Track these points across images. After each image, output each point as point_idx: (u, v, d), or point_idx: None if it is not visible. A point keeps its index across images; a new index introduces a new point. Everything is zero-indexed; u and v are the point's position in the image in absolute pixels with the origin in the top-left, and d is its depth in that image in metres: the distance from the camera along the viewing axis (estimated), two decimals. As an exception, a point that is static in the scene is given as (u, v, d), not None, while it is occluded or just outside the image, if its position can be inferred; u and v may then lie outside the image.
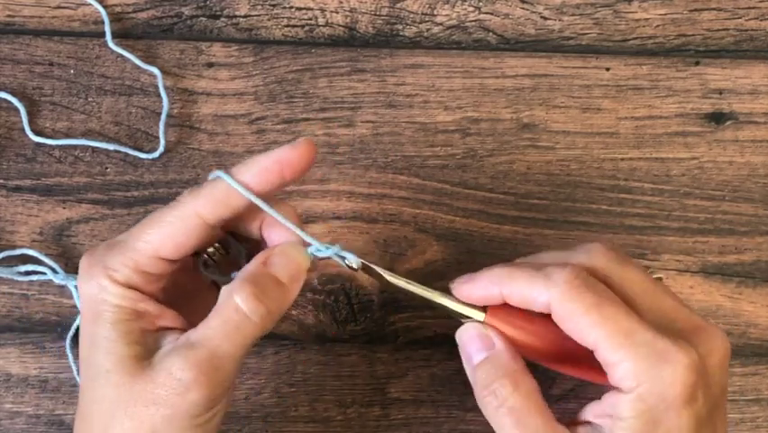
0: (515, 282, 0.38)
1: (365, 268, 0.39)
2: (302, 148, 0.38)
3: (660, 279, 0.42)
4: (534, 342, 0.39)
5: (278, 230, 0.39)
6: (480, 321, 0.39)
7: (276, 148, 0.38)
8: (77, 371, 0.49)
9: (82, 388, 0.38)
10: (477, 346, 0.39)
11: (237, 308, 0.36)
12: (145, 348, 0.37)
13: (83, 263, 0.38)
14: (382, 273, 0.39)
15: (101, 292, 0.37)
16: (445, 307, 0.40)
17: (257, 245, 0.41)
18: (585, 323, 0.36)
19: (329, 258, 0.39)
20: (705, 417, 0.36)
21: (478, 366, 0.38)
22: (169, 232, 0.37)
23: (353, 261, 0.39)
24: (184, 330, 0.37)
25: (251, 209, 0.39)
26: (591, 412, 0.38)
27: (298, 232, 0.39)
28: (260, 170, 0.38)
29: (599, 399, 0.37)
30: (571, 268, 0.37)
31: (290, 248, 0.39)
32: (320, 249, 0.39)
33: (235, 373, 0.37)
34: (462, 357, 0.40)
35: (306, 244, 0.39)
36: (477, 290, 0.39)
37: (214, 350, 0.36)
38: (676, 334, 0.37)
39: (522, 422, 0.37)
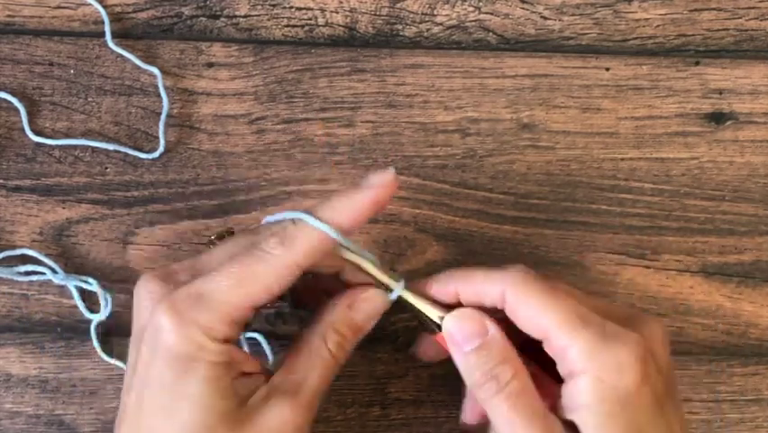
0: (470, 278, 0.40)
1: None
2: (392, 183, 0.39)
3: None
4: None
5: (360, 275, 0.41)
6: (438, 327, 0.40)
7: (364, 183, 0.39)
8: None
9: None
10: (469, 332, 0.39)
11: (330, 353, 0.38)
12: (238, 398, 0.37)
13: (166, 320, 0.36)
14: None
15: (198, 351, 0.36)
16: (414, 308, 0.41)
17: (317, 278, 0.42)
18: (538, 307, 0.37)
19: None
20: (663, 393, 0.37)
21: (473, 352, 0.39)
22: (268, 284, 0.37)
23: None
24: (260, 373, 0.38)
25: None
26: (557, 411, 0.38)
27: (386, 280, 0.41)
28: (356, 212, 0.38)
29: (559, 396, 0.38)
30: (523, 265, 0.39)
31: (376, 296, 0.40)
32: (392, 294, 0.41)
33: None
34: (450, 345, 0.40)
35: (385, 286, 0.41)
36: (434, 286, 0.41)
37: (316, 392, 0.38)
38: (617, 322, 0.38)
39: (520, 406, 0.37)
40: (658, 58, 0.54)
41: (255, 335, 0.49)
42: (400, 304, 0.41)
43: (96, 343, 0.49)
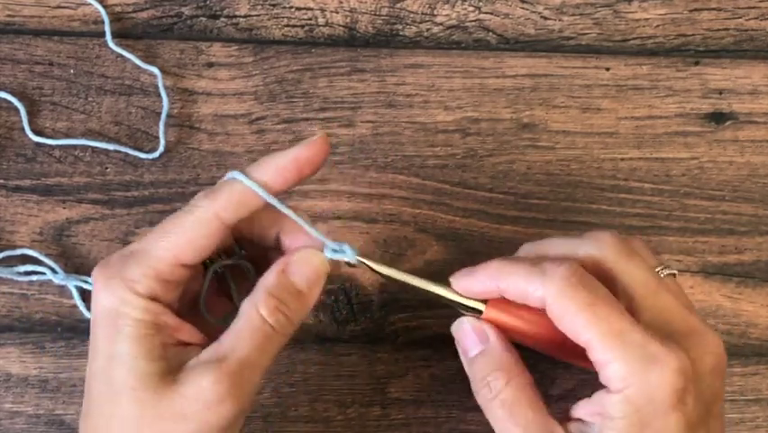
0: (511, 277, 0.38)
1: (369, 267, 0.40)
2: (318, 144, 0.38)
3: (673, 275, 0.42)
4: (533, 332, 0.39)
5: (299, 236, 0.39)
6: (480, 313, 0.40)
7: (291, 146, 0.38)
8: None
9: (97, 403, 0.37)
10: (472, 340, 0.39)
11: (263, 320, 0.36)
12: (168, 364, 0.36)
13: (98, 276, 0.37)
14: (395, 275, 0.40)
15: (122, 305, 0.36)
16: (448, 299, 0.40)
17: (263, 252, 0.41)
18: (578, 322, 0.36)
19: (347, 263, 0.39)
20: (696, 421, 0.36)
21: (473, 359, 0.39)
22: (190, 236, 0.37)
23: (365, 263, 0.39)
24: (201, 345, 0.37)
25: (267, 213, 0.39)
26: (583, 410, 0.38)
27: (314, 233, 0.39)
28: (278, 168, 0.38)
29: (590, 396, 0.37)
30: (567, 265, 0.37)
31: (309, 255, 0.39)
32: (336, 251, 0.39)
33: (260, 385, 0.37)
34: (459, 349, 0.40)
35: (323, 246, 0.39)
36: (475, 284, 0.39)
37: (244, 362, 0.36)
38: (670, 336, 0.37)
39: (513, 414, 0.37)
40: (658, 58, 0.54)
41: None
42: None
43: None
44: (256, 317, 0.36)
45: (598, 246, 0.39)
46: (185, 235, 0.37)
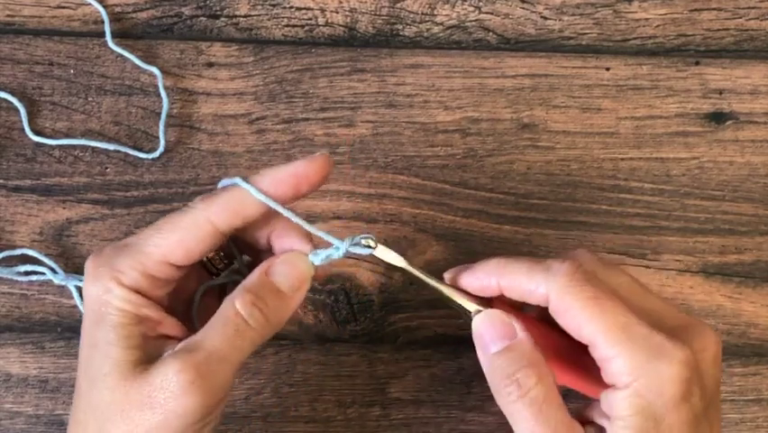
0: (513, 274, 0.38)
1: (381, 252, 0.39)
2: (318, 162, 0.38)
3: None
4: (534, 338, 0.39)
5: (287, 240, 0.39)
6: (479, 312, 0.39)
7: (294, 160, 0.38)
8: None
9: (79, 390, 0.37)
10: (496, 334, 0.38)
11: (236, 314, 0.36)
12: (145, 354, 0.36)
13: (89, 264, 0.37)
14: (398, 263, 0.40)
15: (105, 294, 0.36)
16: (448, 297, 0.39)
17: (259, 254, 0.41)
18: (583, 316, 0.36)
19: (346, 255, 0.39)
20: (701, 412, 0.36)
21: (498, 354, 0.37)
22: (181, 237, 0.37)
23: (372, 243, 0.39)
24: (181, 339, 0.37)
25: (261, 218, 0.39)
26: (592, 413, 0.38)
27: (314, 231, 0.38)
28: (276, 181, 0.38)
29: (598, 399, 0.37)
30: (570, 262, 0.37)
31: (293, 257, 0.38)
32: (338, 247, 0.38)
33: (231, 382, 0.36)
34: (477, 345, 0.39)
35: (313, 249, 0.39)
36: (473, 281, 0.39)
37: (211, 354, 0.35)
38: (667, 331, 0.37)
39: (543, 414, 0.36)
40: (658, 58, 0.54)
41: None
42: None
43: None
44: (230, 310, 0.36)
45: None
46: (176, 236, 0.37)
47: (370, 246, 0.39)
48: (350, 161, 0.52)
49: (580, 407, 0.38)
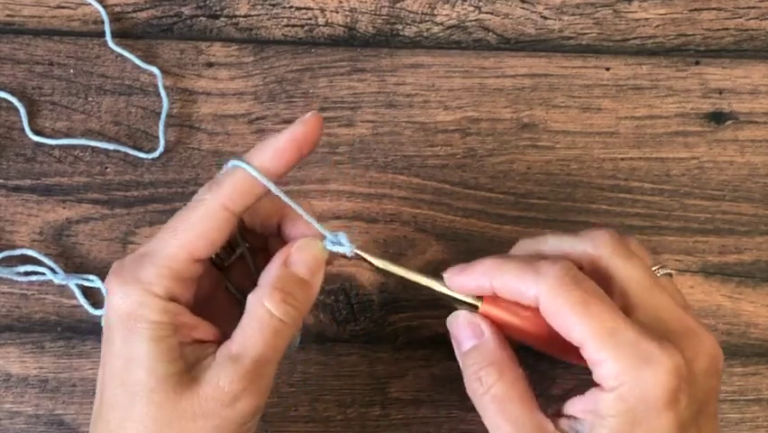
0: (505, 276, 0.39)
1: (366, 260, 0.40)
2: (312, 122, 0.38)
3: (669, 274, 0.42)
4: (529, 329, 0.39)
5: (298, 224, 0.40)
6: (476, 308, 0.40)
7: (286, 128, 0.38)
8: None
9: (112, 403, 0.37)
10: (467, 334, 0.39)
11: (271, 315, 0.37)
12: (185, 363, 0.36)
13: (112, 280, 0.37)
14: (391, 268, 0.40)
15: (139, 308, 0.36)
16: (443, 294, 0.40)
17: (263, 240, 0.41)
18: (571, 320, 0.36)
19: (343, 255, 0.39)
20: (689, 420, 0.36)
21: (466, 353, 0.39)
22: (200, 231, 0.36)
23: (362, 255, 0.39)
24: (215, 341, 0.37)
25: (269, 202, 0.39)
26: (575, 406, 0.38)
27: (314, 224, 0.39)
28: (277, 151, 0.38)
29: (583, 393, 0.37)
30: (561, 264, 0.37)
31: (308, 244, 0.39)
32: (334, 243, 0.39)
33: (275, 374, 0.38)
34: (453, 344, 0.40)
35: (322, 237, 0.39)
36: (469, 281, 0.40)
37: (257, 359, 0.36)
38: (665, 335, 0.37)
39: (504, 409, 0.37)
40: (658, 58, 0.54)
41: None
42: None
43: None
44: (264, 312, 0.37)
45: (594, 244, 0.39)
46: (195, 230, 0.36)
47: (370, 263, 0.40)
48: (350, 160, 0.52)
49: (565, 397, 0.39)
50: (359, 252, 0.39)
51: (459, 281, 0.40)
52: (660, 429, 0.35)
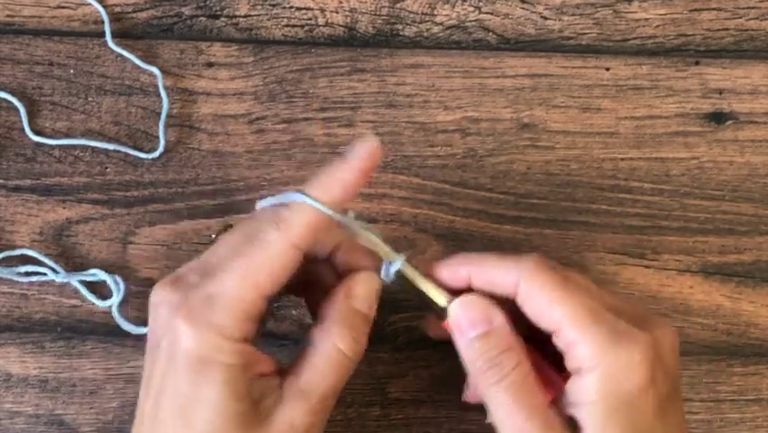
0: (484, 264, 0.39)
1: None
2: (372, 148, 0.38)
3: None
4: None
5: (354, 254, 0.40)
6: (444, 306, 0.40)
7: (349, 154, 0.37)
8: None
9: None
10: (477, 318, 0.39)
11: (342, 354, 0.38)
12: (252, 400, 0.36)
13: (181, 323, 0.36)
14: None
15: (213, 353, 0.35)
16: (421, 291, 0.40)
17: (308, 264, 0.41)
18: (551, 300, 0.37)
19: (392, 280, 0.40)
20: (666, 397, 0.37)
21: (478, 338, 0.38)
22: (271, 271, 0.36)
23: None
24: (276, 373, 0.38)
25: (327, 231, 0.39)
26: (559, 407, 0.38)
27: (392, 254, 0.40)
28: (345, 185, 0.37)
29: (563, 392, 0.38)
30: (538, 253, 0.39)
31: (369, 278, 0.40)
32: (386, 274, 0.40)
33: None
34: (454, 330, 0.39)
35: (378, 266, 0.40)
36: (445, 270, 0.40)
37: (326, 395, 0.37)
38: (628, 321, 0.37)
39: (520, 399, 0.37)
40: (658, 58, 0.54)
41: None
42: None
43: (125, 324, 0.48)
44: (335, 351, 0.38)
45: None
46: (265, 271, 0.36)
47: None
48: (350, 160, 0.52)
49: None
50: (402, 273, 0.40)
51: (435, 272, 0.40)
52: (648, 405, 0.36)
